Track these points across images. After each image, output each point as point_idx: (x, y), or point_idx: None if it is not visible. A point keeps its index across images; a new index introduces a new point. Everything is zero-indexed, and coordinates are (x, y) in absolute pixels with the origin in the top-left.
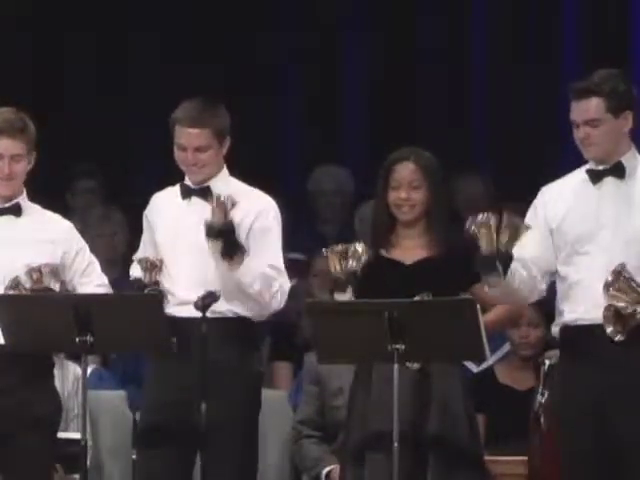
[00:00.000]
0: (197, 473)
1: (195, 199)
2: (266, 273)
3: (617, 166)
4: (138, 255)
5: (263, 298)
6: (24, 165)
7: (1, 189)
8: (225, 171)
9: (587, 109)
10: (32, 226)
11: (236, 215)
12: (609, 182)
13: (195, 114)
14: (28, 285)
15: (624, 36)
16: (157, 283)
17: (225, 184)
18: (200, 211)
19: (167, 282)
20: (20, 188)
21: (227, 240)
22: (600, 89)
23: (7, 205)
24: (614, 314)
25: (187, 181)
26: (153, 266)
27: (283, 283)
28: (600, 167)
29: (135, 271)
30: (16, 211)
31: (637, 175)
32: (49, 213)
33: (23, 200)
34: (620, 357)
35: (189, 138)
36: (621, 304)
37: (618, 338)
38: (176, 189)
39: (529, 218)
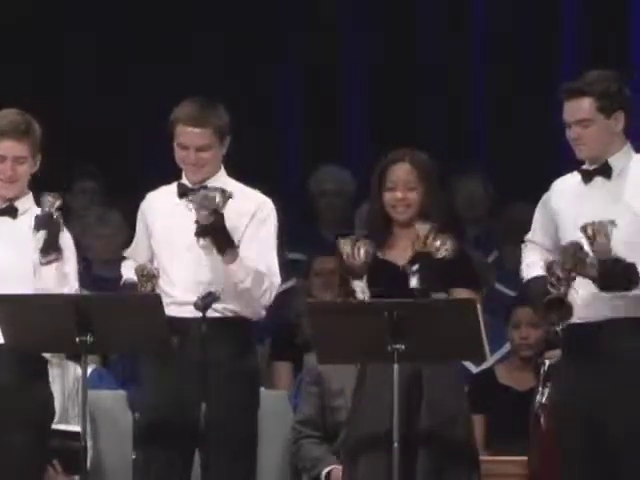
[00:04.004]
0: (197, 473)
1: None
2: (259, 270)
3: (605, 166)
4: (130, 253)
5: (251, 295)
6: (28, 167)
7: (3, 191)
8: (223, 171)
9: (578, 109)
10: (27, 229)
11: (232, 213)
12: (598, 182)
13: (197, 113)
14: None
15: (624, 36)
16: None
17: (222, 183)
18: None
19: (166, 283)
20: (23, 190)
21: (215, 237)
22: (591, 89)
23: (3, 206)
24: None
25: (184, 180)
26: (150, 276)
27: (274, 281)
28: (591, 167)
29: (127, 271)
30: (11, 213)
31: (628, 174)
32: None
33: (23, 202)
34: (615, 356)
35: (191, 137)
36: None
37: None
38: (171, 188)
39: (540, 206)
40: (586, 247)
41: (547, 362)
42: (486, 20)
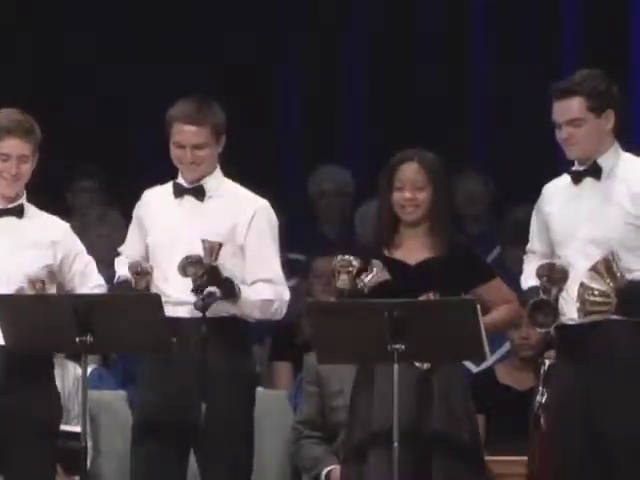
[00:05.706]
0: (195, 472)
1: (187, 197)
2: (264, 299)
3: (594, 167)
4: (124, 250)
5: (264, 318)
6: (29, 166)
7: (6, 189)
8: (219, 170)
9: (569, 109)
10: (33, 228)
11: (229, 217)
12: (587, 183)
13: (193, 112)
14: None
15: (624, 36)
16: (147, 290)
17: (218, 183)
18: (192, 209)
19: (163, 282)
20: (22, 189)
21: (217, 287)
22: (581, 88)
23: (10, 206)
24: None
25: (180, 180)
26: (145, 273)
27: (282, 293)
28: (580, 168)
29: (121, 267)
30: (18, 213)
31: (617, 174)
32: (46, 214)
33: (24, 202)
34: (607, 357)
35: (188, 136)
36: (595, 286)
37: (579, 316)
38: (167, 188)
39: (534, 213)
40: (594, 285)
41: (547, 362)
42: (486, 20)
